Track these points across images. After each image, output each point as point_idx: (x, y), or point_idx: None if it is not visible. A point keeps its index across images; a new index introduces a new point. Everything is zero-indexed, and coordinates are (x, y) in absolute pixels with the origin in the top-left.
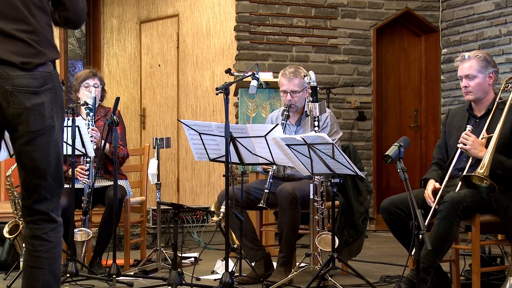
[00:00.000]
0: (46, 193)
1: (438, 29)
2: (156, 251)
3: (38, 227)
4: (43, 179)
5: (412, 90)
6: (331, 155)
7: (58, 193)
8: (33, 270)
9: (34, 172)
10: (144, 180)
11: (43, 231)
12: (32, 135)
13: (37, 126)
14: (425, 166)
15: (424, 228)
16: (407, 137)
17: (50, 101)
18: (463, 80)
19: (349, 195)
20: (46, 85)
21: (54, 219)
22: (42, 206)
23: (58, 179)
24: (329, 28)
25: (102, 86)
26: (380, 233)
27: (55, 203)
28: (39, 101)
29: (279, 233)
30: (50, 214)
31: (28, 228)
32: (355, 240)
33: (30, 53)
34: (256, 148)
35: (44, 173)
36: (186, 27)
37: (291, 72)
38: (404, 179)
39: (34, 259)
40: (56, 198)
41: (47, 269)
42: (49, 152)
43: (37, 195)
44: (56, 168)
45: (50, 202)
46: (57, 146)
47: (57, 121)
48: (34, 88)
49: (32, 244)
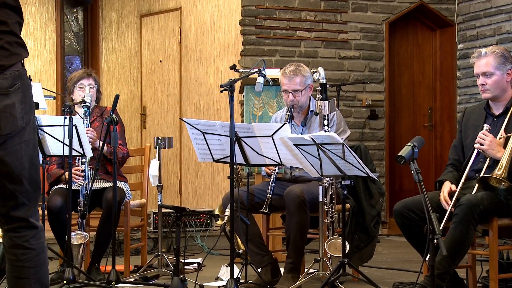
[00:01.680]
0: (23, 198)
1: (454, 23)
2: (158, 257)
3: (18, 235)
4: (18, 184)
5: (427, 87)
6: (341, 155)
7: (35, 198)
8: (18, 281)
9: (8, 177)
10: (144, 182)
11: (24, 238)
12: (2, 139)
13: (9, 129)
14: (440, 167)
15: (439, 233)
16: (421, 137)
17: (20, 101)
18: (480, 78)
19: (360, 197)
20: (15, 85)
21: (34, 225)
22: (20, 213)
23: (34, 182)
24: (339, 22)
25: (97, 87)
26: (393, 238)
27: (33, 207)
28: (9, 102)
29: (286, 237)
30: (30, 220)
31: (8, 237)
32: (366, 245)
33: (2, 56)
34: (262, 148)
35: (19, 177)
36: (189, 21)
37: (292, 71)
38: (418, 181)
39: (17, 270)
40: (34, 203)
41: (32, 278)
42: (21, 154)
43: (14, 201)
44: (31, 171)
45: (28, 208)
46: (29, 147)
47: (28, 121)
48: (4, 89)
49: (13, 253)
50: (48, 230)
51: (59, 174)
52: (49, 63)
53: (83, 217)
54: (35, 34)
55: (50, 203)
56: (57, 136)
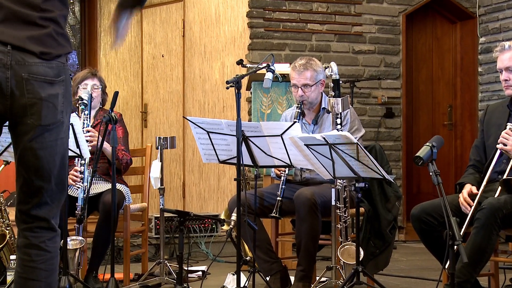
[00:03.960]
0: (47, 197)
1: (475, 15)
2: (159, 264)
3: (35, 235)
4: (46, 181)
5: (446, 83)
6: (356, 156)
7: (59, 199)
8: (28, 282)
9: (38, 172)
10: (145, 184)
11: (41, 239)
12: (41, 130)
13: (49, 119)
14: (460, 168)
15: (459, 238)
16: (441, 137)
17: (63, 94)
18: (503, 73)
19: (375, 201)
20: (60, 76)
21: (53, 227)
22: (41, 212)
23: (61, 183)
24: (353, 14)
25: (102, 87)
26: (410, 244)
27: (56, 209)
28: (53, 92)
29: (297, 244)
30: (50, 222)
31: (24, 236)
32: (382, 251)
33: (50, 43)
34: (271, 149)
35: (48, 174)
36: (192, 13)
37: (302, 65)
38: (437, 183)
39: (29, 270)
40: (57, 204)
41: (43, 281)
42: (56, 150)
43: (38, 199)
44: (60, 170)
45: (50, 208)
46: (63, 145)
47: (66, 117)
48: (50, 77)
49: (27, 253)
50: None
51: None
52: None
53: (80, 221)
54: None
55: None
56: None
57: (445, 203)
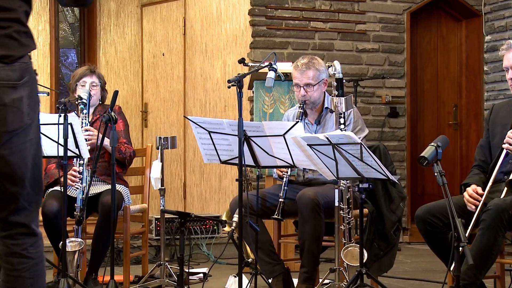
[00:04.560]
0: (24, 202)
1: (481, 13)
2: (160, 266)
3: (16, 243)
4: (21, 186)
5: (451, 82)
6: (359, 156)
7: (36, 201)
8: None
9: (11, 179)
10: (146, 185)
11: (23, 246)
12: (8, 136)
13: (15, 124)
14: (466, 169)
15: (464, 240)
16: (446, 136)
17: (28, 96)
18: (509, 72)
19: (379, 202)
20: (24, 78)
21: (34, 231)
22: (20, 218)
23: (36, 184)
24: (356, 12)
25: (101, 84)
26: (414, 246)
27: (34, 213)
28: (17, 96)
29: (299, 245)
30: (31, 226)
31: (4, 244)
32: (386, 253)
33: (12, 45)
34: (273, 149)
35: (22, 179)
36: (194, 11)
37: (304, 64)
38: (442, 184)
39: (13, 279)
40: (35, 207)
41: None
42: (26, 153)
43: (14, 205)
44: (34, 172)
45: (28, 213)
46: (33, 147)
47: (33, 117)
48: (13, 81)
49: (9, 262)
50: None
51: (56, 175)
52: (42, 57)
53: (79, 223)
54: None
55: (46, 207)
56: (51, 135)
57: (450, 204)
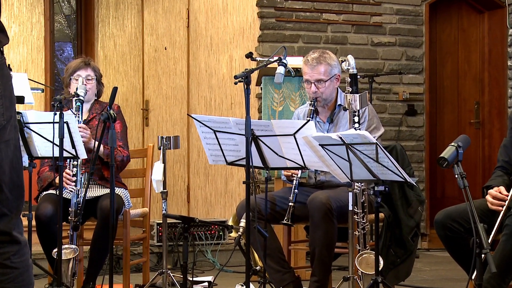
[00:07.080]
0: (3, 208)
1: (504, 4)
2: (162, 274)
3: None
4: None
5: (473, 78)
6: (374, 157)
7: (17, 207)
8: None
9: None
10: (147, 188)
11: (5, 256)
12: None
13: None
14: (488, 170)
15: (487, 246)
16: (467, 136)
17: (1, 95)
18: None
19: (396, 206)
20: None
21: (17, 239)
22: (1, 225)
23: (16, 189)
24: (372, 3)
25: (97, 78)
26: (434, 252)
27: (16, 219)
28: None
29: (311, 252)
30: (12, 234)
31: None
32: (403, 260)
33: None
34: (283, 149)
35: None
36: (198, 2)
37: (315, 58)
38: (463, 186)
39: None
40: (16, 213)
41: None
42: (2, 156)
43: None
44: (12, 176)
45: (9, 219)
46: (9, 148)
47: (7, 117)
48: None
49: None
50: (36, 243)
51: (50, 178)
52: (36, 51)
53: (75, 228)
54: (20, 17)
55: (40, 211)
56: (45, 135)
57: (472, 208)
